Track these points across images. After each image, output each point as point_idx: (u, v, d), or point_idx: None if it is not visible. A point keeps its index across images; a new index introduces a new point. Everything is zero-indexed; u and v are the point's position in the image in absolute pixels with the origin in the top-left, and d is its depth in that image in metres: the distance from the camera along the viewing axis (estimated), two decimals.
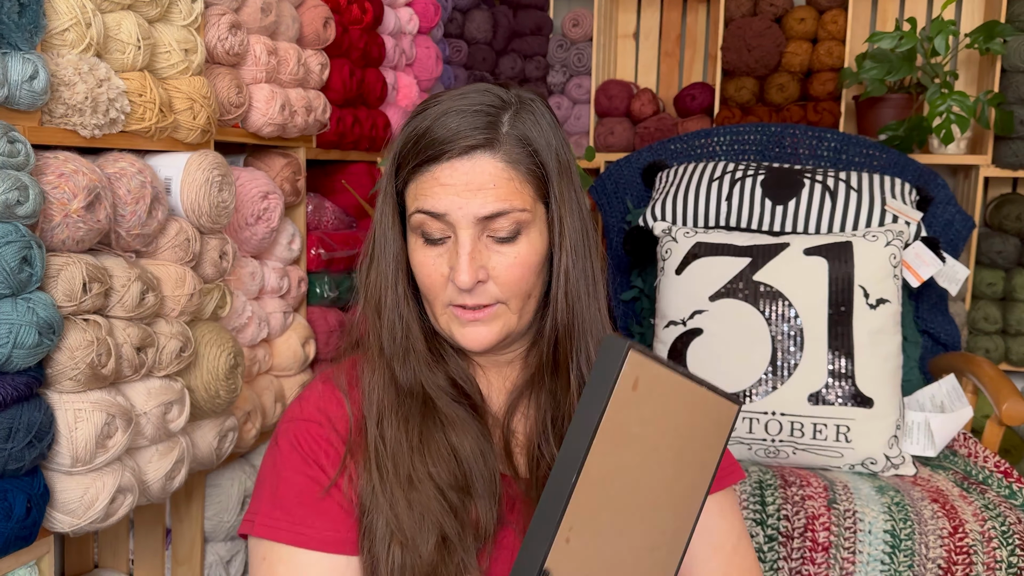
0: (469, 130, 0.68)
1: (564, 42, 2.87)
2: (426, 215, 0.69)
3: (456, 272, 0.69)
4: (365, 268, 0.76)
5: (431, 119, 0.69)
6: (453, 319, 0.72)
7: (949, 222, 1.84)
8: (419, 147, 0.69)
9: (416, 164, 0.69)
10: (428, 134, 0.69)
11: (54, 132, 0.98)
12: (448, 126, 0.68)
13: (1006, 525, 1.30)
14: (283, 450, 0.73)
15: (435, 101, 0.71)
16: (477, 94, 0.71)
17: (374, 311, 0.75)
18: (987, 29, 2.29)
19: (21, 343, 0.87)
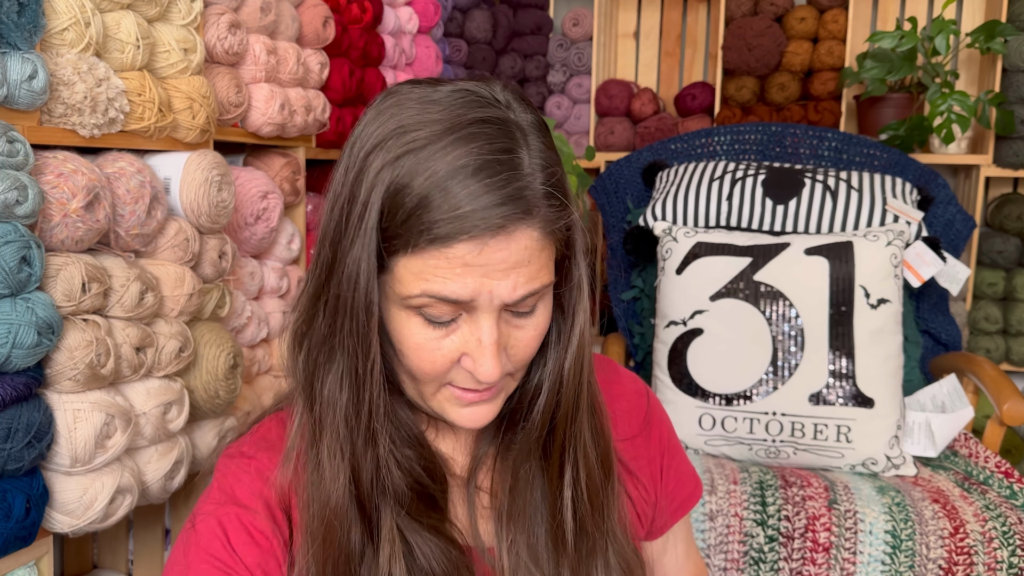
0: (501, 200, 0.52)
1: (564, 41, 2.87)
2: (438, 300, 0.54)
3: (478, 364, 0.56)
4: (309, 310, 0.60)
5: (436, 181, 0.52)
6: (450, 400, 0.60)
7: (950, 222, 1.84)
8: (425, 222, 0.52)
9: (428, 240, 0.53)
10: (441, 200, 0.52)
11: (53, 132, 0.98)
12: (469, 189, 0.52)
13: (1007, 526, 1.29)
14: (202, 534, 0.60)
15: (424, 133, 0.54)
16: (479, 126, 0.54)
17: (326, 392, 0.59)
18: (988, 29, 2.29)
19: (20, 343, 0.87)
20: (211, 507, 0.62)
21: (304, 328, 0.61)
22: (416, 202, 0.53)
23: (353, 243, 0.56)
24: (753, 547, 1.33)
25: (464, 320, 0.56)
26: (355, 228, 0.55)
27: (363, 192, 0.55)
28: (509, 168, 0.53)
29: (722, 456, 1.55)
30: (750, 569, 1.33)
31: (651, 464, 0.75)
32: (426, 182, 0.53)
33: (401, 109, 0.56)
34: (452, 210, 0.52)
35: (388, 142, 0.55)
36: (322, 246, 0.59)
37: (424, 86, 0.57)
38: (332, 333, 0.58)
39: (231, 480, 0.63)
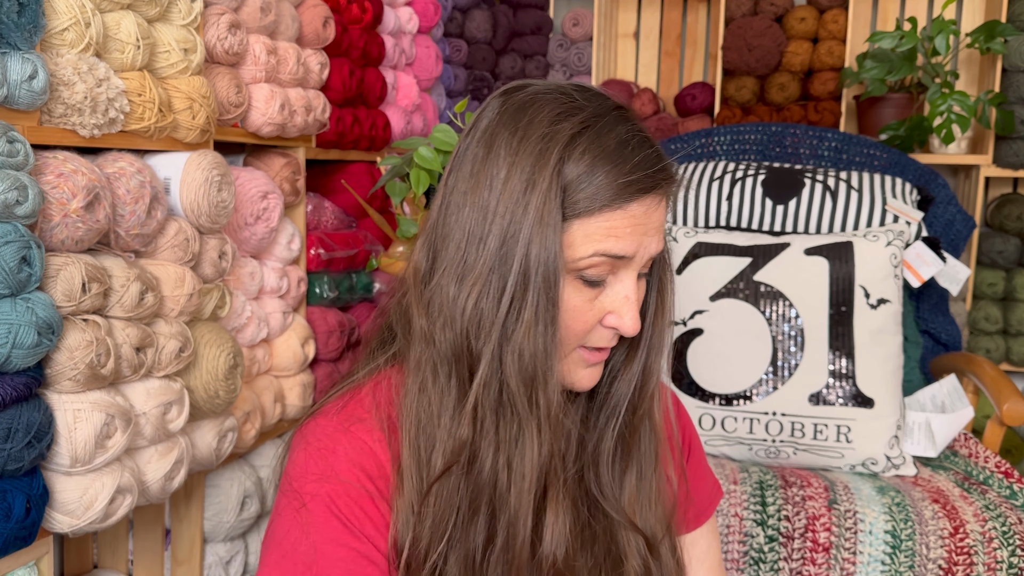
0: (662, 166, 0.63)
1: (564, 41, 2.87)
2: (607, 258, 0.63)
3: (623, 319, 0.64)
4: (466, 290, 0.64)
5: (611, 151, 0.62)
6: (579, 362, 0.68)
7: (950, 222, 1.84)
8: (605, 184, 0.62)
9: (603, 203, 0.62)
10: (618, 170, 0.62)
11: (53, 132, 0.98)
12: (641, 160, 0.62)
13: (1007, 526, 1.29)
14: (318, 516, 0.63)
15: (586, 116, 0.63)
16: (622, 112, 0.66)
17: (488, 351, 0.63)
18: (988, 29, 2.29)
19: (20, 343, 0.86)
20: (315, 485, 0.64)
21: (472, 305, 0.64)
22: (595, 169, 0.62)
23: (536, 219, 0.62)
24: (753, 547, 1.33)
25: (610, 282, 0.65)
26: (537, 205, 0.62)
27: (543, 170, 0.62)
28: (656, 146, 0.65)
29: (722, 456, 1.55)
30: (750, 569, 1.33)
31: (677, 460, 0.79)
32: (603, 152, 0.62)
33: (544, 102, 0.65)
34: (630, 173, 0.62)
35: (559, 125, 0.63)
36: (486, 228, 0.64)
37: (539, 85, 0.67)
38: (516, 306, 0.63)
39: (327, 454, 0.65)
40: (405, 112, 1.95)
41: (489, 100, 0.68)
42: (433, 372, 0.66)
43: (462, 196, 0.65)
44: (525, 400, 0.63)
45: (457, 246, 0.65)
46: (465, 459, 0.64)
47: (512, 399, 0.63)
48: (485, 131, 0.66)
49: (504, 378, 0.63)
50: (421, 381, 0.66)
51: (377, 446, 0.66)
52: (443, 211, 0.67)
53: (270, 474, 1.46)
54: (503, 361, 0.63)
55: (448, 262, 0.65)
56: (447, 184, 0.68)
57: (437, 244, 0.67)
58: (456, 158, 0.68)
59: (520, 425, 0.64)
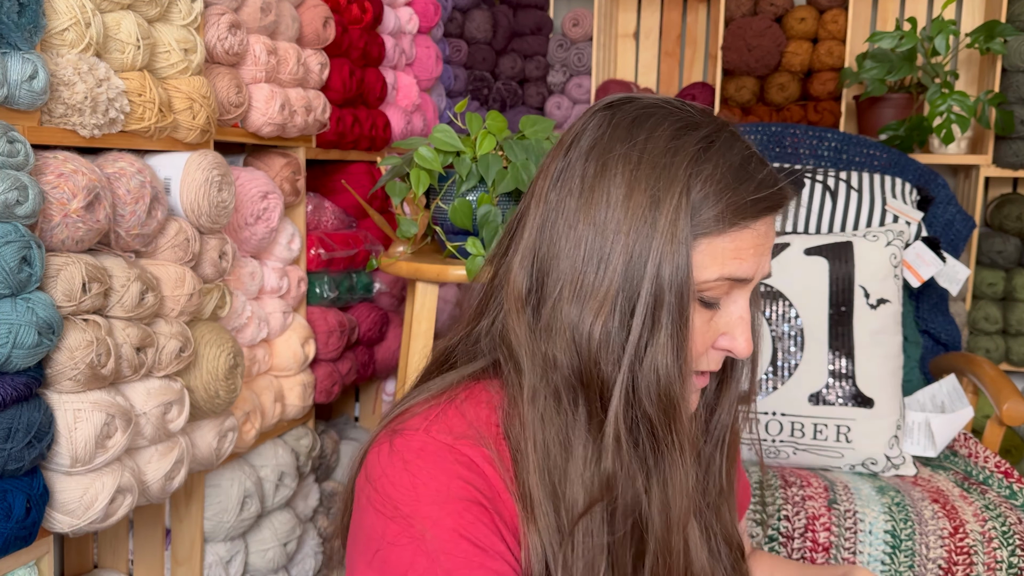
0: (779, 183, 0.62)
1: (564, 42, 2.87)
2: (730, 281, 0.61)
3: (736, 340, 0.63)
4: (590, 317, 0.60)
5: (736, 169, 0.61)
6: (691, 387, 0.66)
7: (950, 222, 1.84)
8: (733, 203, 0.60)
9: (732, 219, 0.60)
10: (745, 188, 0.60)
11: (53, 132, 0.98)
12: (764, 178, 0.61)
13: (1007, 525, 1.29)
14: (446, 541, 0.58)
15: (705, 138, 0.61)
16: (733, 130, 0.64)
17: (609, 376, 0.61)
18: (987, 29, 2.29)
19: (20, 343, 0.87)
20: (432, 507, 0.59)
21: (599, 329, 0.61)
22: (724, 187, 0.60)
23: (666, 237, 0.59)
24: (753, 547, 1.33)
25: (724, 302, 0.63)
26: (666, 223, 0.59)
27: (671, 187, 0.60)
28: (766, 159, 0.63)
29: None
30: None
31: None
32: (729, 170, 0.60)
33: (659, 116, 0.63)
34: (756, 191, 0.60)
35: (682, 140, 0.61)
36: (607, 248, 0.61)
37: (645, 99, 0.65)
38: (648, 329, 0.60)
39: (436, 472, 0.60)
40: (405, 112, 1.95)
41: (588, 115, 0.65)
42: (556, 400, 0.62)
43: (573, 215, 0.62)
44: (665, 427, 0.61)
45: (572, 267, 0.61)
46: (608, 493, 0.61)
47: (652, 427, 0.61)
48: (593, 147, 0.63)
49: (641, 405, 0.61)
50: (543, 410, 0.62)
51: (485, 465, 0.61)
52: (547, 230, 0.63)
53: (270, 474, 1.46)
54: (637, 387, 0.60)
55: (563, 284, 0.62)
56: (546, 201, 0.64)
57: (543, 265, 0.63)
58: (555, 175, 0.64)
59: (663, 453, 0.62)
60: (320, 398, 1.62)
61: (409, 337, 1.48)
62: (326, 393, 1.63)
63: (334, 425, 1.92)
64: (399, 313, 1.89)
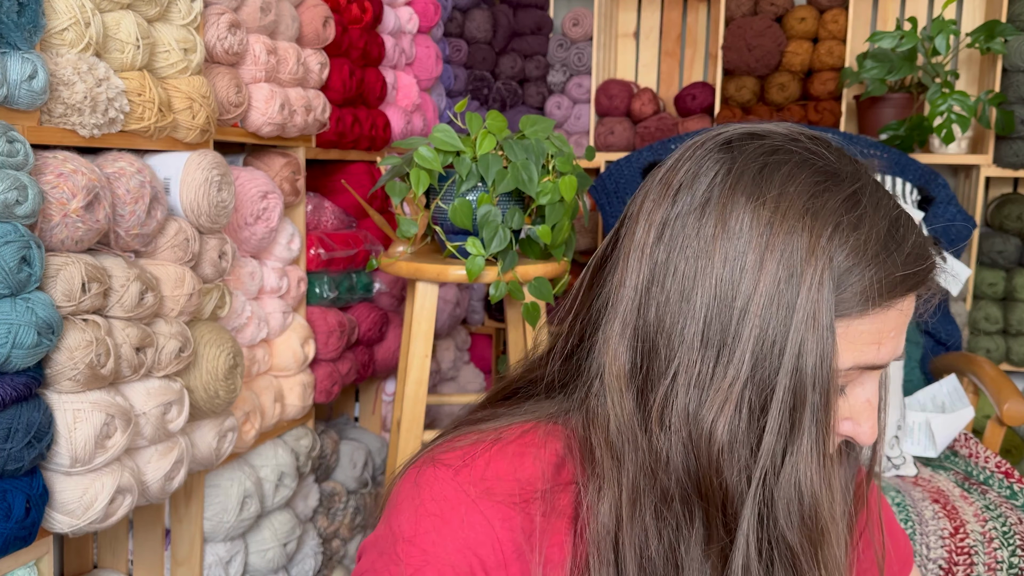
0: (925, 255, 0.53)
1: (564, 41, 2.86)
2: (866, 369, 0.53)
3: (861, 427, 0.55)
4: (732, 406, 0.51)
5: (889, 235, 0.51)
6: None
7: (950, 222, 1.84)
8: (880, 276, 0.50)
9: (877, 302, 0.50)
10: (893, 262, 0.51)
11: (53, 132, 0.98)
12: (911, 248, 0.52)
13: (1007, 526, 1.29)
14: None
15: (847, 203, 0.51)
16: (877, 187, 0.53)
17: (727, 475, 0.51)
18: (988, 28, 2.29)
19: (20, 343, 0.86)
20: (420, 559, 0.55)
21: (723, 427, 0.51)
22: (867, 260, 0.50)
23: (807, 319, 0.50)
24: None
25: (850, 386, 0.54)
26: (807, 301, 0.50)
27: (811, 258, 0.50)
28: (913, 220, 0.54)
29: None
30: None
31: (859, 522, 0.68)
32: (875, 238, 0.51)
33: (790, 163, 0.53)
34: (906, 266, 0.51)
35: (818, 204, 0.51)
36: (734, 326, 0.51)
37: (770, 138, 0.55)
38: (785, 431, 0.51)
39: (441, 525, 0.55)
40: (405, 112, 1.95)
41: (701, 153, 0.55)
42: (667, 506, 0.53)
43: (690, 281, 0.51)
44: (811, 557, 0.51)
45: (690, 347, 0.51)
46: None
47: (792, 556, 0.51)
48: (710, 199, 0.52)
49: (779, 528, 0.51)
50: (648, 517, 0.53)
51: (500, 526, 0.55)
52: (656, 296, 0.53)
53: (270, 474, 1.46)
54: (773, 505, 0.50)
55: (679, 367, 0.52)
56: (650, 258, 0.53)
57: (653, 339, 0.53)
58: (660, 225, 0.53)
59: None
60: (320, 398, 1.62)
61: (409, 337, 1.47)
62: (326, 393, 1.63)
63: (334, 425, 1.92)
64: (399, 313, 1.89)
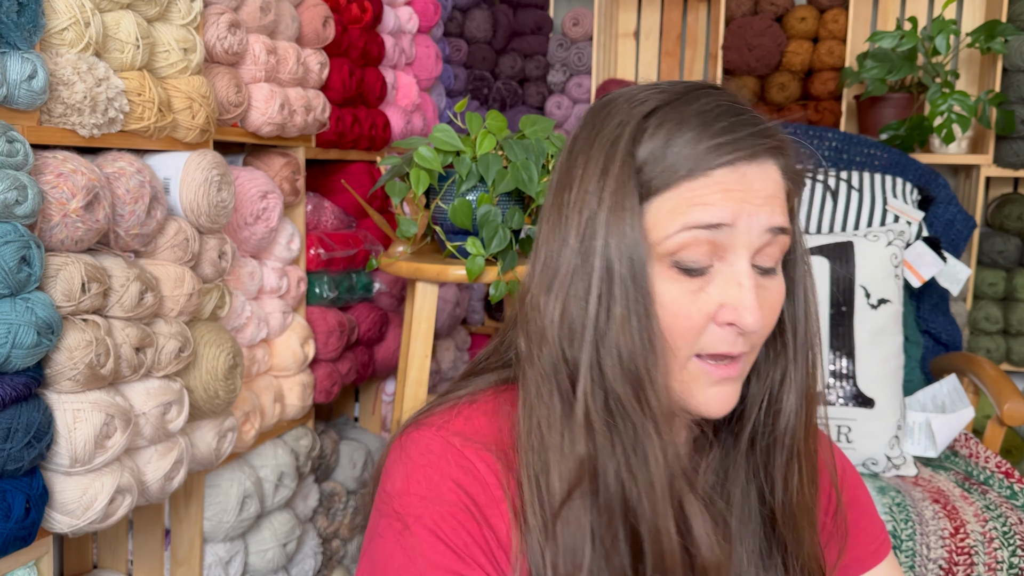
0: (753, 133, 0.56)
1: (564, 41, 2.86)
2: (701, 231, 0.55)
3: (740, 309, 0.56)
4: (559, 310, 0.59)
5: (689, 120, 0.56)
6: (698, 379, 0.59)
7: (950, 222, 1.84)
8: (683, 155, 0.56)
9: (686, 173, 0.56)
10: (697, 138, 0.56)
11: (53, 132, 0.98)
12: (723, 127, 0.56)
13: (1007, 526, 1.29)
14: (424, 540, 0.58)
15: (663, 100, 0.58)
16: (713, 91, 0.59)
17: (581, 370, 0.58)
18: (988, 28, 2.29)
19: (20, 343, 0.86)
20: (419, 506, 0.59)
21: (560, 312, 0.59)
22: (671, 141, 0.56)
23: (611, 206, 0.57)
24: None
25: (717, 270, 0.57)
26: (610, 191, 0.57)
27: (615, 154, 0.57)
28: (751, 114, 0.58)
29: None
30: None
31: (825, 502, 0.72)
32: (680, 123, 0.56)
33: (624, 96, 0.60)
34: (711, 139, 0.55)
35: (632, 110, 0.58)
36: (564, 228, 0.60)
37: (638, 86, 0.62)
38: (605, 304, 0.57)
39: (431, 471, 0.60)
40: (405, 112, 1.95)
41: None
42: (537, 392, 0.60)
43: (548, 206, 0.61)
44: (635, 403, 0.57)
45: (546, 255, 0.61)
46: (587, 478, 0.58)
47: (621, 404, 0.57)
48: (568, 142, 0.63)
49: (608, 383, 0.57)
50: (529, 405, 0.60)
51: (485, 469, 0.60)
52: (538, 227, 0.63)
53: (270, 474, 1.46)
54: (603, 365, 0.57)
55: (539, 274, 0.61)
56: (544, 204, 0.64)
57: (533, 260, 0.62)
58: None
59: (636, 431, 0.57)
60: (320, 398, 1.62)
61: (409, 337, 1.47)
62: (326, 393, 1.63)
63: (334, 425, 1.92)
64: (399, 313, 1.89)
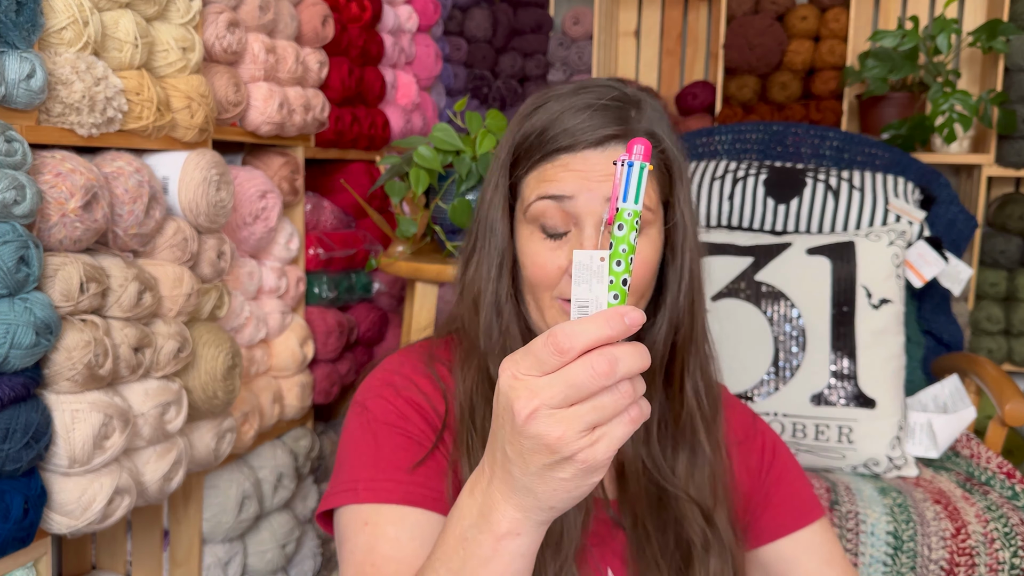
0: (602, 122, 0.68)
1: (564, 40, 2.86)
2: (550, 200, 0.69)
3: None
4: (464, 260, 0.76)
5: (559, 110, 0.69)
6: (561, 314, 0.71)
7: (952, 222, 1.83)
8: (546, 137, 0.70)
9: (543, 155, 0.70)
10: (557, 124, 0.69)
11: (51, 131, 0.97)
12: (579, 117, 0.68)
13: (1009, 527, 1.29)
14: (377, 414, 0.73)
15: (556, 93, 0.72)
16: (602, 88, 0.71)
17: (471, 305, 0.75)
18: (990, 28, 2.28)
19: (18, 343, 0.86)
20: (375, 391, 0.75)
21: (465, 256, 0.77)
22: (538, 131, 0.70)
23: (492, 179, 0.74)
24: None
25: (574, 234, 0.69)
26: (495, 169, 0.74)
27: (502, 144, 0.74)
28: (618, 109, 0.69)
29: None
30: None
31: (751, 475, 0.82)
32: (547, 117, 0.70)
33: (545, 91, 0.74)
34: (567, 129, 0.69)
35: (531, 102, 0.74)
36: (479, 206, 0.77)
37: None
38: (479, 249, 0.75)
39: (387, 373, 0.77)
40: (404, 111, 1.94)
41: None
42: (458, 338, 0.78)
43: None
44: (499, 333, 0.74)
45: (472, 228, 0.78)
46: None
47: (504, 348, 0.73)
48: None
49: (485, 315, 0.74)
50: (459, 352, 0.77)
51: (435, 394, 0.75)
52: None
53: (269, 475, 1.46)
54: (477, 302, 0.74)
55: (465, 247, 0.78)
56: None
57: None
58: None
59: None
60: (319, 399, 1.62)
61: (409, 337, 1.47)
62: (325, 394, 1.63)
63: (333, 426, 1.92)
64: (398, 313, 1.88)
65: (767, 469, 0.84)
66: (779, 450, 0.86)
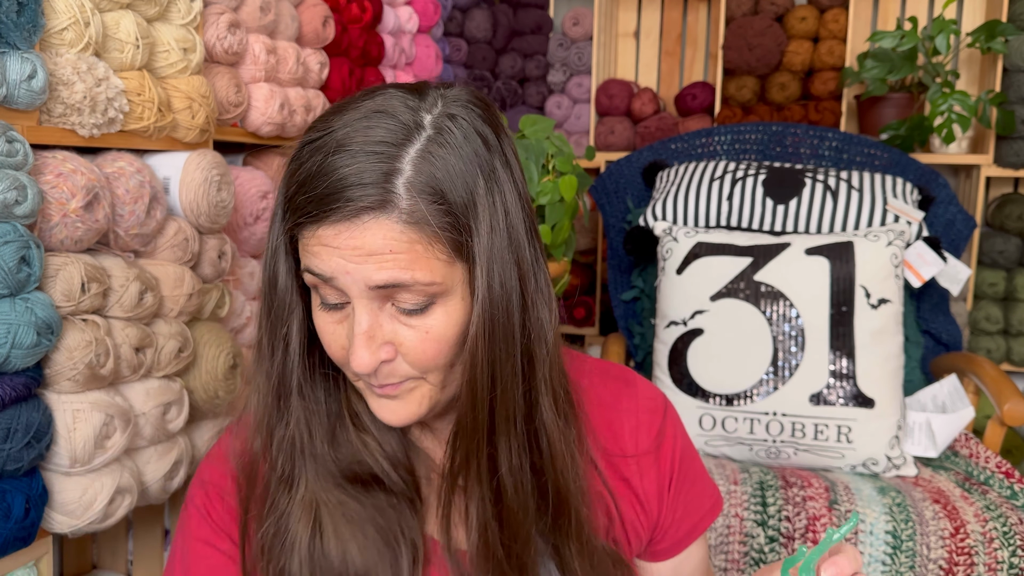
0: (357, 185, 0.53)
1: (564, 41, 2.86)
2: (314, 276, 0.57)
3: (351, 353, 0.57)
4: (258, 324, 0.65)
5: (319, 160, 0.55)
6: (365, 391, 0.62)
7: (951, 222, 1.84)
8: (299, 200, 0.56)
9: (298, 220, 0.56)
10: (313, 183, 0.55)
11: (52, 131, 0.98)
12: (333, 177, 0.54)
13: (1007, 526, 1.29)
14: (192, 516, 0.66)
15: (332, 125, 0.57)
16: (381, 118, 0.56)
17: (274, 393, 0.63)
18: (988, 28, 2.28)
19: (19, 343, 0.86)
20: (194, 490, 0.68)
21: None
22: (298, 185, 0.56)
23: (272, 227, 0.61)
24: (753, 547, 1.33)
25: (350, 309, 0.58)
26: (275, 214, 0.61)
27: (280, 184, 0.60)
28: (385, 159, 0.54)
29: (722, 456, 1.55)
30: (750, 569, 1.33)
31: (659, 485, 0.73)
32: (309, 168, 0.56)
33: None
34: (317, 195, 0.55)
35: (304, 137, 0.59)
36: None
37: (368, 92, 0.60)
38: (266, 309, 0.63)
39: (204, 465, 0.69)
40: None
41: None
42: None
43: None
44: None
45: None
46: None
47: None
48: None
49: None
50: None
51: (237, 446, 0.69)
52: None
53: None
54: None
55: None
56: None
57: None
58: None
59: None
60: None
61: None
62: None
63: None
64: None
65: (669, 483, 0.74)
66: (685, 464, 0.75)
